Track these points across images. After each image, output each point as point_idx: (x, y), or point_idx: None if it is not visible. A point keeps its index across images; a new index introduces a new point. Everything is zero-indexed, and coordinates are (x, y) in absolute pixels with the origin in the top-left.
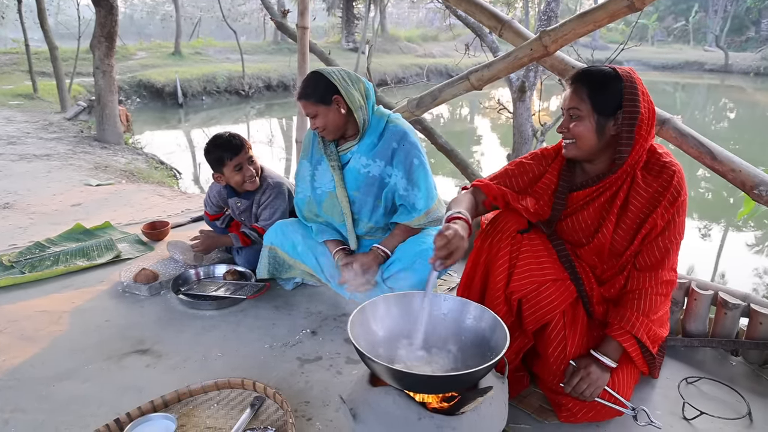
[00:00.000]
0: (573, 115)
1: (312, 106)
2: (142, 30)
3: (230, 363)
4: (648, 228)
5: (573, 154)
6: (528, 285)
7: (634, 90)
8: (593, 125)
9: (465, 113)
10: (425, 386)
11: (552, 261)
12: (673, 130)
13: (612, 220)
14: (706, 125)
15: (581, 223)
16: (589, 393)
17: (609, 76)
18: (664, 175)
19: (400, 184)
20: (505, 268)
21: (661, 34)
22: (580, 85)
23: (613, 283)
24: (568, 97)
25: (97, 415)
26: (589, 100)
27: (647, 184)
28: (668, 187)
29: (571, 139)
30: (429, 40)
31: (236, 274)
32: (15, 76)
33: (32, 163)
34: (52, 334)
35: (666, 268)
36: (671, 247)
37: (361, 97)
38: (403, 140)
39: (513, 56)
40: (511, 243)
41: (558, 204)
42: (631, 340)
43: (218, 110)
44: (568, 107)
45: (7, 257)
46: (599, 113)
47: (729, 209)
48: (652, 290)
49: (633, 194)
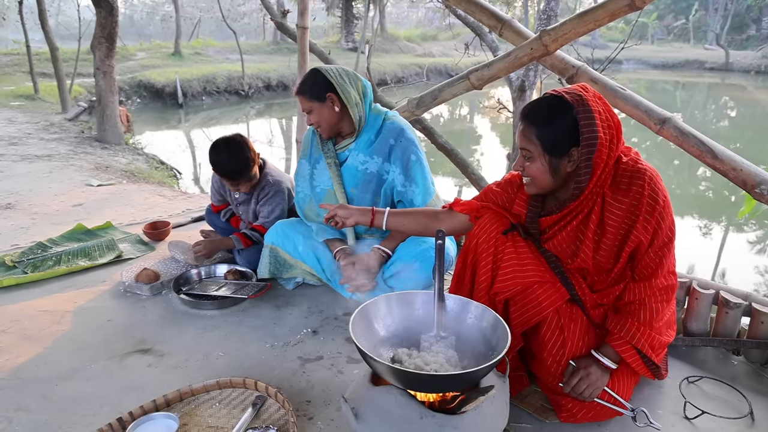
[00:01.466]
0: (525, 156)
1: (307, 102)
2: (142, 31)
3: (232, 362)
4: (632, 245)
5: (533, 191)
6: (512, 286)
7: (588, 115)
8: (546, 166)
9: (465, 113)
10: (427, 385)
11: (537, 263)
12: (674, 129)
13: (589, 244)
14: (707, 124)
15: (559, 246)
16: (588, 393)
17: (558, 110)
18: (633, 187)
19: (398, 180)
20: (489, 269)
21: (661, 33)
22: (528, 123)
23: (607, 293)
24: (519, 136)
25: (100, 414)
26: (538, 141)
27: (618, 201)
28: (641, 198)
29: (527, 177)
30: (428, 39)
31: (237, 273)
32: (16, 76)
33: (34, 163)
34: (54, 333)
35: (661, 275)
36: (664, 255)
37: (357, 95)
38: (401, 136)
39: (513, 55)
40: (495, 245)
41: (532, 228)
42: (632, 350)
43: (218, 110)
44: (520, 146)
45: (10, 257)
46: (551, 154)
47: (730, 208)
48: (652, 299)
49: (607, 214)
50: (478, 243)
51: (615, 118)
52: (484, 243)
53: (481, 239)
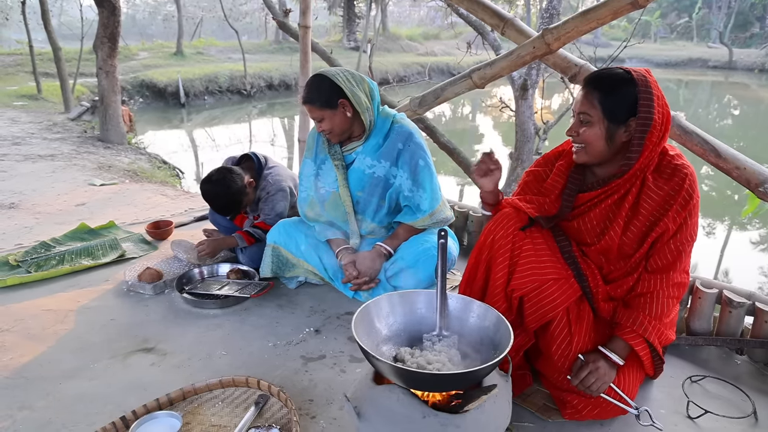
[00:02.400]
0: (583, 120)
1: (317, 111)
2: (144, 30)
3: (234, 361)
4: (659, 231)
5: (583, 159)
6: (529, 283)
7: (648, 95)
8: (603, 132)
9: (467, 112)
10: (429, 384)
11: (554, 259)
12: (677, 127)
13: (620, 223)
14: (710, 122)
15: (588, 224)
16: (596, 387)
17: (622, 81)
18: (675, 177)
19: (405, 185)
20: (505, 265)
21: (664, 31)
22: (592, 89)
23: (620, 284)
24: (579, 101)
25: (103, 413)
26: (599, 105)
27: (658, 187)
28: (680, 190)
29: (581, 143)
30: (430, 38)
31: (240, 273)
32: (19, 77)
33: (37, 163)
34: (58, 332)
35: (678, 270)
36: (683, 249)
37: (367, 99)
38: (409, 141)
39: (516, 54)
40: (513, 240)
41: (566, 204)
42: (643, 343)
43: (220, 110)
44: (578, 111)
45: (14, 257)
46: (610, 120)
47: (733, 207)
48: (664, 293)
49: (644, 197)
50: (494, 239)
51: (668, 108)
52: (501, 239)
53: (497, 235)
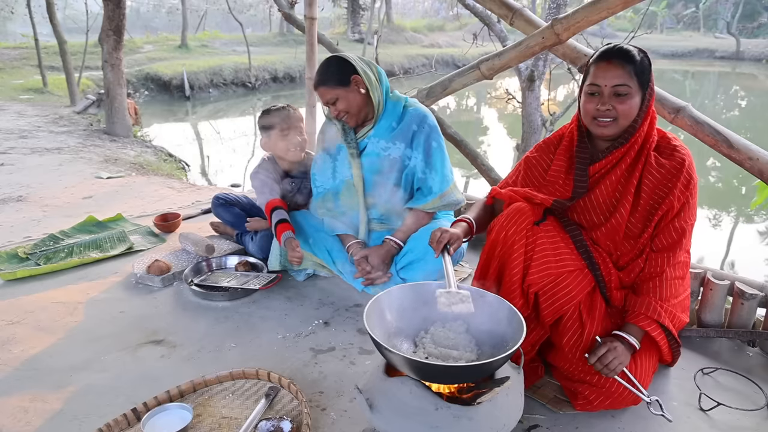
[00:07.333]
0: (622, 93)
1: (331, 91)
2: (149, 23)
3: (244, 353)
4: (664, 210)
5: (612, 132)
6: (545, 278)
7: (651, 66)
8: (638, 102)
9: (472, 103)
10: (442, 376)
11: (569, 251)
12: (689, 118)
13: (629, 200)
14: (717, 113)
15: (596, 200)
16: (614, 366)
17: (640, 52)
18: (675, 156)
19: (419, 167)
20: (521, 261)
21: (671, 21)
22: (624, 62)
23: (632, 268)
24: (611, 75)
25: (114, 404)
26: (636, 77)
27: (659, 165)
28: (681, 169)
29: (613, 117)
30: (435, 30)
31: (248, 265)
32: (25, 70)
33: (44, 156)
34: (68, 324)
35: (682, 248)
36: (686, 228)
37: (375, 79)
38: (423, 122)
39: (524, 45)
40: (527, 236)
41: (579, 180)
42: (658, 328)
43: (225, 102)
44: (614, 84)
45: (23, 249)
46: (643, 89)
47: (740, 199)
48: (671, 273)
49: (646, 174)
50: (507, 235)
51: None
52: (515, 234)
53: (510, 231)
